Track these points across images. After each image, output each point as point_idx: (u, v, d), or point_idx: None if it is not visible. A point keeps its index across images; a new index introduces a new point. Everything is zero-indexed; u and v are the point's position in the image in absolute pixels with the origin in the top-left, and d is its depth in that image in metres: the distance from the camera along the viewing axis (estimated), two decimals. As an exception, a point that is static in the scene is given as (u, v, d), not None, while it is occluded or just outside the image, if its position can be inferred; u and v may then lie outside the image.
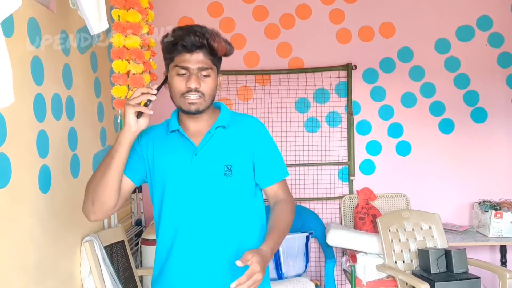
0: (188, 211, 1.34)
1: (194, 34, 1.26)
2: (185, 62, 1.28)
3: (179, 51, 1.28)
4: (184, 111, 1.33)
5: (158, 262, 1.42)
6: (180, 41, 1.27)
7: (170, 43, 1.29)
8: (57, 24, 2.02)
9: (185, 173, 1.33)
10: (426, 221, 2.89)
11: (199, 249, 1.34)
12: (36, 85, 1.81)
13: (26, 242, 1.71)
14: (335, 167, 3.38)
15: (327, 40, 3.37)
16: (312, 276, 3.29)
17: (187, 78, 1.29)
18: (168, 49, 1.31)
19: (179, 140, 1.37)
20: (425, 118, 3.37)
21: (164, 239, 1.38)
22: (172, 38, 1.28)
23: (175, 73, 1.30)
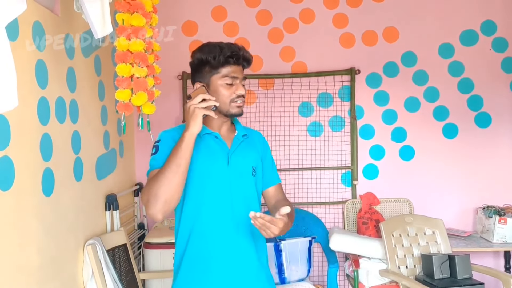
0: (225, 204, 1.49)
1: (243, 50, 1.53)
2: (233, 73, 1.51)
3: (230, 63, 1.49)
4: (232, 114, 1.53)
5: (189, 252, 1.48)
6: (239, 55, 1.50)
7: (222, 56, 1.47)
8: (61, 28, 2.03)
9: (223, 171, 1.50)
10: (429, 226, 2.87)
11: (231, 236, 1.48)
12: (40, 88, 1.82)
13: (29, 245, 1.71)
14: (338, 172, 3.37)
15: (330, 44, 3.37)
16: (315, 281, 3.28)
17: (235, 86, 1.51)
18: (217, 63, 1.48)
19: (215, 142, 1.53)
20: (429, 122, 3.36)
21: (201, 225, 1.47)
22: (225, 51, 1.48)
23: (222, 83, 1.50)
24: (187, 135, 1.39)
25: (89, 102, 2.39)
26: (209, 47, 1.50)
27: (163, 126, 3.33)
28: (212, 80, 1.50)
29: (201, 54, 1.50)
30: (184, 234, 1.49)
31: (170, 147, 1.44)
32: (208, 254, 1.46)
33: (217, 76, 1.50)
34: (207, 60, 1.49)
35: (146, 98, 1.82)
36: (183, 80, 3.31)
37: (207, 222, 1.47)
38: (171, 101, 3.35)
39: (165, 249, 2.76)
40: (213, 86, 1.50)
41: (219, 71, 1.50)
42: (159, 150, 1.47)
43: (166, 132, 1.53)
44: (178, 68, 3.33)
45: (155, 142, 1.51)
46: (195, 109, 1.40)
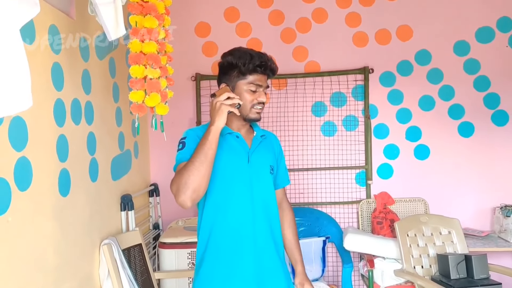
0: (246, 199, 1.58)
1: (271, 61, 1.62)
2: (260, 81, 1.60)
3: (257, 72, 1.58)
4: (251, 119, 1.62)
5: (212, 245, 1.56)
6: (267, 66, 1.60)
7: (251, 65, 1.57)
8: (76, 31, 2.06)
9: (244, 168, 1.59)
10: (445, 226, 2.84)
11: (250, 231, 1.57)
12: (56, 90, 1.85)
13: (46, 244, 1.75)
14: (352, 171, 3.36)
15: (343, 44, 3.36)
16: (329, 281, 3.26)
17: (257, 93, 1.60)
18: (246, 69, 1.57)
19: (237, 142, 1.61)
20: (444, 121, 3.32)
21: (223, 219, 1.55)
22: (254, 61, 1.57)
23: (247, 89, 1.59)
24: (213, 129, 1.48)
25: (104, 104, 2.42)
26: (240, 53, 1.59)
27: (177, 127, 3.37)
28: (238, 84, 1.59)
29: (232, 58, 1.59)
30: (206, 228, 1.57)
31: (196, 143, 1.53)
32: (230, 247, 1.54)
33: (243, 81, 1.59)
34: (236, 65, 1.58)
35: (159, 99, 1.84)
36: (197, 81, 3.33)
37: (229, 217, 1.55)
38: (185, 102, 3.37)
39: (180, 249, 2.79)
40: (238, 89, 1.59)
41: (246, 77, 1.59)
42: (185, 145, 1.54)
43: (191, 130, 1.62)
44: (191, 69, 3.36)
45: (181, 139, 1.58)
46: (221, 105, 1.50)
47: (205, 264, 1.56)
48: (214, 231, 1.56)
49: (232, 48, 1.65)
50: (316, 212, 3.30)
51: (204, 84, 3.35)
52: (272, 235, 1.62)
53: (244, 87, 1.59)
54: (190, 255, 2.78)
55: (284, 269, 1.67)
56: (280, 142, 1.87)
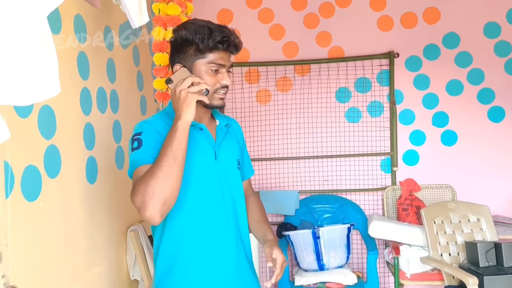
0: (216, 200, 1.37)
1: (234, 35, 1.34)
2: (221, 60, 1.33)
3: (218, 49, 1.31)
4: (214, 106, 1.37)
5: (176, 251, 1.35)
6: (230, 41, 1.32)
7: (211, 41, 1.29)
8: (101, 20, 2.08)
9: (212, 166, 1.37)
10: (474, 213, 2.78)
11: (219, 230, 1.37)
12: (82, 79, 1.88)
13: (76, 230, 1.79)
14: (377, 158, 3.31)
15: (368, 28, 3.29)
16: (354, 268, 3.25)
17: (220, 75, 1.33)
18: (205, 47, 1.31)
19: (201, 135, 1.38)
20: (473, 106, 3.23)
21: (188, 222, 1.33)
22: (215, 35, 1.30)
23: (207, 69, 1.32)
24: (181, 124, 1.23)
25: (129, 92, 2.45)
26: (197, 27, 1.31)
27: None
28: (196, 65, 1.32)
29: (187, 33, 1.31)
30: (172, 235, 1.33)
31: (155, 139, 1.28)
32: (201, 253, 1.34)
33: (202, 61, 1.32)
34: (193, 41, 1.31)
35: (183, 86, 1.85)
36: (219, 69, 3.33)
37: (197, 221, 1.33)
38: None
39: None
40: (196, 71, 1.32)
41: (206, 56, 1.32)
42: (142, 143, 1.27)
43: (145, 123, 1.33)
44: (214, 57, 3.35)
45: (134, 135, 1.30)
46: (187, 95, 1.24)
47: (176, 272, 1.34)
48: (183, 237, 1.33)
49: (186, 21, 1.39)
50: (341, 199, 3.28)
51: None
52: (242, 237, 1.44)
53: (203, 68, 1.32)
54: (215, 242, 2.80)
55: (253, 269, 1.50)
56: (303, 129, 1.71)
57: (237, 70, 3.34)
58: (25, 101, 0.66)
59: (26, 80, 0.65)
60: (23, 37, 0.64)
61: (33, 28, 0.63)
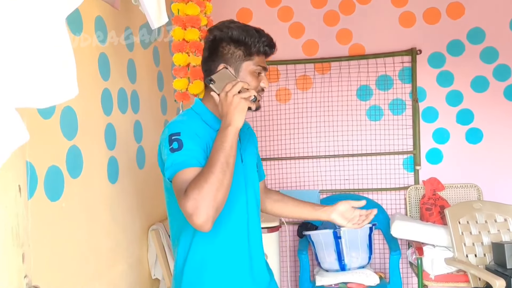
0: (241, 202, 1.36)
1: (274, 42, 1.37)
2: (263, 63, 1.35)
3: (265, 52, 1.34)
4: (250, 108, 1.31)
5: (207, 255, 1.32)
6: (272, 45, 1.34)
7: (262, 44, 1.31)
8: (121, 21, 2.10)
9: (239, 169, 1.33)
10: (501, 213, 2.70)
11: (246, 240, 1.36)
12: (103, 80, 1.90)
13: (98, 229, 1.81)
14: (400, 157, 3.25)
15: (389, 25, 3.23)
16: (376, 268, 3.21)
17: (260, 78, 1.35)
18: (256, 50, 1.31)
19: None
20: (499, 103, 3.14)
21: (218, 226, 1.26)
22: (264, 39, 1.32)
23: (250, 71, 1.32)
24: (233, 130, 1.20)
25: (149, 93, 2.47)
26: (246, 29, 1.32)
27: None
28: (244, 66, 1.31)
29: (238, 34, 1.30)
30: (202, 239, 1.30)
31: (196, 142, 1.23)
32: (227, 257, 1.32)
33: (250, 63, 1.31)
34: (245, 43, 1.30)
35: (203, 86, 1.85)
36: (239, 68, 3.32)
37: (223, 223, 1.28)
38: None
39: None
40: (243, 72, 1.31)
41: (252, 58, 1.31)
42: (183, 145, 1.21)
43: (182, 124, 1.28)
44: (233, 56, 3.35)
45: (173, 135, 1.23)
46: (240, 101, 1.21)
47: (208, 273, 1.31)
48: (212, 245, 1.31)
49: (222, 22, 1.37)
50: (362, 199, 3.22)
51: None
52: (261, 241, 1.44)
53: (250, 70, 1.31)
54: (235, 241, 2.80)
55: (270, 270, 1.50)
56: (324, 128, 1.71)
57: (256, 69, 3.33)
58: (44, 103, 0.67)
59: (45, 82, 0.65)
60: (41, 39, 0.65)
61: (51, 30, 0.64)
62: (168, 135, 1.24)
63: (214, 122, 1.32)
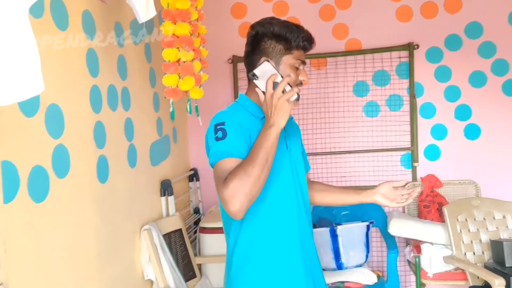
0: (290, 189, 1.43)
1: (313, 38, 1.44)
2: (303, 57, 1.42)
3: (304, 48, 1.41)
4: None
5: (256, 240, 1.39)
6: (311, 41, 1.42)
7: (301, 39, 1.39)
8: (110, 17, 2.04)
9: (286, 155, 1.43)
10: (499, 210, 2.66)
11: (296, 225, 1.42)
12: (91, 77, 1.84)
13: (87, 231, 1.76)
14: (397, 153, 3.21)
15: (386, 19, 3.18)
16: (374, 267, 3.17)
17: (299, 71, 1.42)
18: (296, 44, 1.39)
19: None
20: (497, 98, 3.09)
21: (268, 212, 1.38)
22: (303, 35, 1.39)
23: (290, 64, 1.40)
24: (275, 131, 1.26)
25: (141, 89, 2.41)
26: (287, 24, 1.41)
27: (215, 110, 3.31)
28: (284, 59, 1.40)
29: (280, 29, 1.38)
30: (251, 224, 1.37)
31: (240, 133, 1.31)
32: (277, 242, 1.39)
33: (290, 56, 1.39)
34: (286, 38, 1.38)
35: (194, 82, 1.80)
36: (234, 64, 3.27)
37: (273, 210, 1.37)
38: (222, 85, 3.32)
39: (221, 233, 2.76)
40: (283, 65, 1.39)
41: (292, 52, 1.40)
42: (227, 135, 1.30)
43: (227, 114, 1.37)
44: (228, 52, 3.29)
45: (218, 124, 1.34)
46: (284, 103, 1.26)
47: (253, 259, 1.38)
48: (261, 230, 1.38)
49: (263, 18, 1.45)
50: (359, 196, 3.19)
51: (241, 66, 3.28)
52: (310, 226, 1.50)
53: (290, 63, 1.39)
54: (230, 240, 2.76)
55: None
56: (320, 125, 1.74)
57: (251, 65, 3.28)
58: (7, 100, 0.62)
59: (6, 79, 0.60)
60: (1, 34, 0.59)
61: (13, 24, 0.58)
62: (214, 124, 1.35)
63: (258, 112, 1.42)
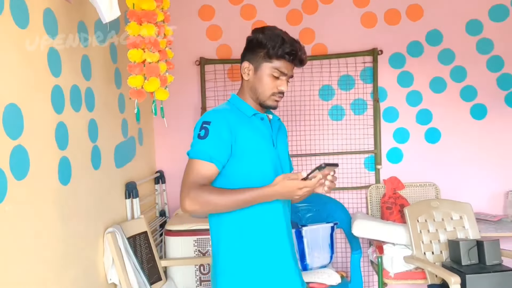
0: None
1: (302, 51, 1.51)
2: (286, 69, 1.50)
3: (284, 58, 1.48)
4: (267, 106, 1.55)
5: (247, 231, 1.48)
6: (297, 55, 1.49)
7: (281, 50, 1.46)
8: (73, 15, 2.00)
9: (272, 152, 1.53)
10: (457, 211, 2.77)
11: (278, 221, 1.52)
12: (53, 76, 1.80)
13: (48, 234, 1.72)
14: (361, 156, 3.29)
15: (351, 25, 3.26)
16: (338, 268, 3.23)
17: (279, 81, 1.51)
18: (274, 53, 1.47)
19: (261, 123, 1.54)
20: (456, 103, 3.22)
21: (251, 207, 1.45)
22: (286, 46, 1.46)
23: (269, 73, 1.49)
24: (269, 197, 1.38)
25: (106, 90, 2.37)
26: (273, 34, 1.50)
27: (182, 112, 3.32)
28: (263, 66, 1.51)
29: (263, 37, 1.49)
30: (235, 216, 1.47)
31: (221, 137, 1.42)
32: (260, 239, 1.48)
33: (268, 64, 1.50)
34: (265, 46, 1.48)
35: (159, 83, 1.79)
36: (201, 66, 3.27)
37: (259, 205, 1.45)
38: (189, 87, 3.31)
39: (186, 236, 2.76)
40: (260, 71, 1.51)
41: (272, 61, 1.49)
42: (208, 135, 1.42)
43: (218, 114, 1.47)
44: (195, 53, 3.29)
45: (204, 123, 1.45)
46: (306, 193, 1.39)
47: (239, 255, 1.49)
48: (242, 219, 1.48)
49: (265, 26, 1.56)
50: (324, 198, 3.24)
51: (208, 68, 3.29)
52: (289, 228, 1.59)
53: (267, 71, 1.50)
54: (196, 243, 2.75)
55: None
56: (287, 128, 1.82)
57: (219, 67, 3.29)
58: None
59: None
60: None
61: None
62: (202, 121, 1.45)
63: (248, 110, 1.53)
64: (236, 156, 1.46)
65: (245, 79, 1.55)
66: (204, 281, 2.77)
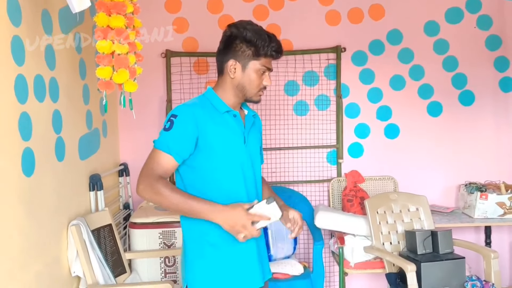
0: (240, 182, 1.56)
1: (281, 46, 1.57)
2: (269, 64, 1.56)
3: (271, 56, 1.54)
4: (253, 101, 1.60)
5: None
6: (280, 51, 1.55)
7: (270, 48, 1.51)
8: (38, 3, 1.95)
9: (241, 149, 1.57)
10: (413, 203, 2.91)
11: None
12: (17, 65, 1.76)
13: (9, 227, 1.68)
14: (324, 150, 3.38)
15: (316, 22, 3.33)
16: (301, 258, 3.31)
17: (264, 77, 1.57)
18: (264, 52, 1.51)
19: (233, 120, 1.57)
20: (414, 101, 3.37)
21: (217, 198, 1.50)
22: (273, 45, 1.52)
23: (255, 69, 1.54)
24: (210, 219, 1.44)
25: (70, 81, 2.33)
26: (258, 32, 1.52)
27: (147, 105, 3.29)
28: (251, 64, 1.54)
29: (251, 35, 1.51)
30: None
31: (185, 133, 1.46)
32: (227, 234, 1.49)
33: (256, 62, 1.53)
34: (255, 44, 1.51)
35: (128, 75, 1.78)
36: (167, 58, 3.25)
37: (225, 199, 1.49)
38: (154, 79, 3.29)
39: (151, 228, 2.75)
40: (248, 70, 1.54)
41: (259, 59, 1.53)
42: (173, 129, 1.47)
43: (186, 108, 1.51)
44: (161, 45, 3.26)
45: (172, 116, 1.49)
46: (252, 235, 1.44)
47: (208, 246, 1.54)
48: None
49: (240, 21, 1.57)
50: (288, 191, 3.32)
51: (174, 61, 3.27)
52: None
53: (255, 68, 1.54)
54: (161, 235, 2.75)
55: None
56: None
57: (185, 60, 3.28)
58: None
59: None
60: None
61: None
62: (171, 113, 1.50)
63: (221, 106, 1.56)
64: (204, 150, 1.51)
65: (231, 77, 1.56)
66: (169, 273, 2.78)
